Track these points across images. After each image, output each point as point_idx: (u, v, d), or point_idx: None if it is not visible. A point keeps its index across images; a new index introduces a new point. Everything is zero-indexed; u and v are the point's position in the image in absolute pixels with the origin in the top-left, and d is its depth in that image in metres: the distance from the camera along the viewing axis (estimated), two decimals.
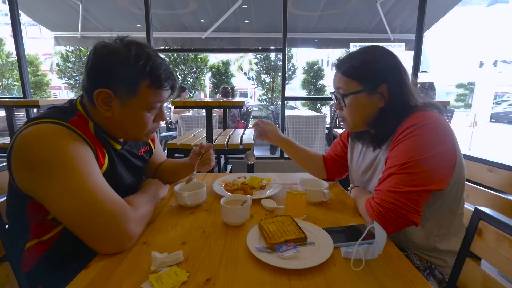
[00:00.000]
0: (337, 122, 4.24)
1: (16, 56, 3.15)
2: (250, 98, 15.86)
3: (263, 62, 8.88)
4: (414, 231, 0.84)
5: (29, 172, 0.65)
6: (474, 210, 0.64)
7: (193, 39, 5.69)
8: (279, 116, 3.79)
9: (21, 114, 3.40)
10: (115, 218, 0.65)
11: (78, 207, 0.63)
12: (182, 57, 8.20)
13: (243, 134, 2.61)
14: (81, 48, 8.35)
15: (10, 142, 0.68)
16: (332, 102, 0.98)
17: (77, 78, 8.84)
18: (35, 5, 4.75)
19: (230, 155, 3.17)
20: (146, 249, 0.68)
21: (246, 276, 0.58)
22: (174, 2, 4.67)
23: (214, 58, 9.93)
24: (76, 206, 0.63)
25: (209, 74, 9.32)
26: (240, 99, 2.45)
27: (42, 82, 10.69)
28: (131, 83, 0.73)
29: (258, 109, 9.64)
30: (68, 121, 0.71)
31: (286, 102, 3.41)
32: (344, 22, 5.27)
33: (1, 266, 0.65)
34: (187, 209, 0.92)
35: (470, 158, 1.06)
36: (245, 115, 4.93)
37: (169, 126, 4.87)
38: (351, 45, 5.79)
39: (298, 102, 9.13)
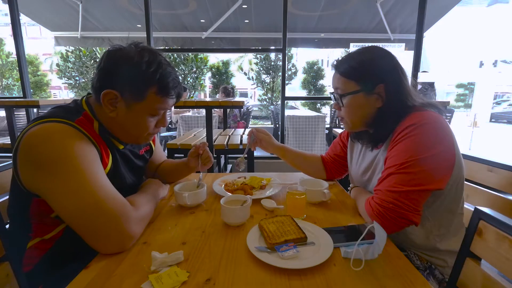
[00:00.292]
0: (337, 122, 4.24)
1: (16, 56, 3.15)
2: (250, 98, 15.87)
3: (263, 62, 8.89)
4: (414, 231, 0.84)
5: (34, 170, 0.65)
6: (474, 210, 0.64)
7: (193, 39, 5.68)
8: (279, 116, 3.79)
9: (21, 114, 3.40)
10: (117, 217, 0.66)
11: (81, 206, 0.64)
12: (182, 57, 8.21)
13: (243, 134, 2.62)
14: (81, 48, 8.36)
15: (16, 141, 0.68)
16: (332, 102, 0.99)
17: (77, 78, 8.84)
18: (35, 5, 4.74)
19: (230, 155, 3.17)
20: (146, 249, 0.68)
21: (246, 276, 0.58)
22: (174, 2, 4.66)
23: (214, 58, 9.94)
24: (78, 205, 0.64)
25: (209, 74, 9.33)
26: (240, 99, 2.45)
27: (42, 82, 10.71)
28: (139, 88, 0.75)
29: (258, 109, 9.65)
30: (74, 120, 0.72)
31: (286, 102, 3.41)
32: (344, 22, 5.26)
33: (1, 266, 0.65)
34: (187, 209, 0.92)
35: (470, 158, 1.06)
36: (245, 115, 4.92)
37: (169, 126, 4.86)
38: (351, 45, 5.78)
39: (298, 102, 9.14)
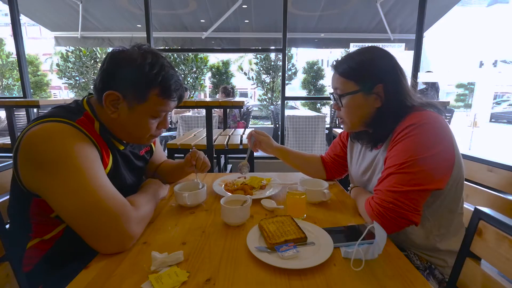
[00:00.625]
0: (337, 122, 4.23)
1: (16, 56, 3.15)
2: (250, 98, 15.88)
3: (263, 62, 8.90)
4: (414, 231, 0.84)
5: (35, 169, 0.65)
6: (474, 210, 0.64)
7: (193, 39, 5.67)
8: (279, 116, 3.79)
9: (21, 114, 3.40)
10: (117, 217, 0.66)
11: (81, 206, 0.64)
12: (182, 57, 8.20)
13: (243, 134, 2.62)
14: (81, 48, 8.37)
15: (16, 140, 0.68)
16: (331, 102, 0.99)
17: (77, 78, 8.85)
18: (35, 5, 4.74)
19: (230, 155, 3.16)
20: (146, 249, 0.68)
21: (246, 276, 0.58)
22: (174, 2, 4.66)
23: (214, 58, 9.95)
24: (78, 205, 0.64)
25: (209, 74, 9.34)
26: (240, 99, 2.45)
27: (42, 82, 10.71)
28: (142, 90, 0.75)
29: (258, 109, 9.65)
30: (75, 120, 0.72)
31: (286, 102, 3.41)
32: (344, 22, 5.26)
33: (1, 266, 0.65)
34: (187, 209, 0.92)
35: (470, 158, 1.06)
36: (245, 115, 4.92)
37: (169, 126, 4.86)
38: (351, 45, 5.78)
39: (298, 102, 9.14)
